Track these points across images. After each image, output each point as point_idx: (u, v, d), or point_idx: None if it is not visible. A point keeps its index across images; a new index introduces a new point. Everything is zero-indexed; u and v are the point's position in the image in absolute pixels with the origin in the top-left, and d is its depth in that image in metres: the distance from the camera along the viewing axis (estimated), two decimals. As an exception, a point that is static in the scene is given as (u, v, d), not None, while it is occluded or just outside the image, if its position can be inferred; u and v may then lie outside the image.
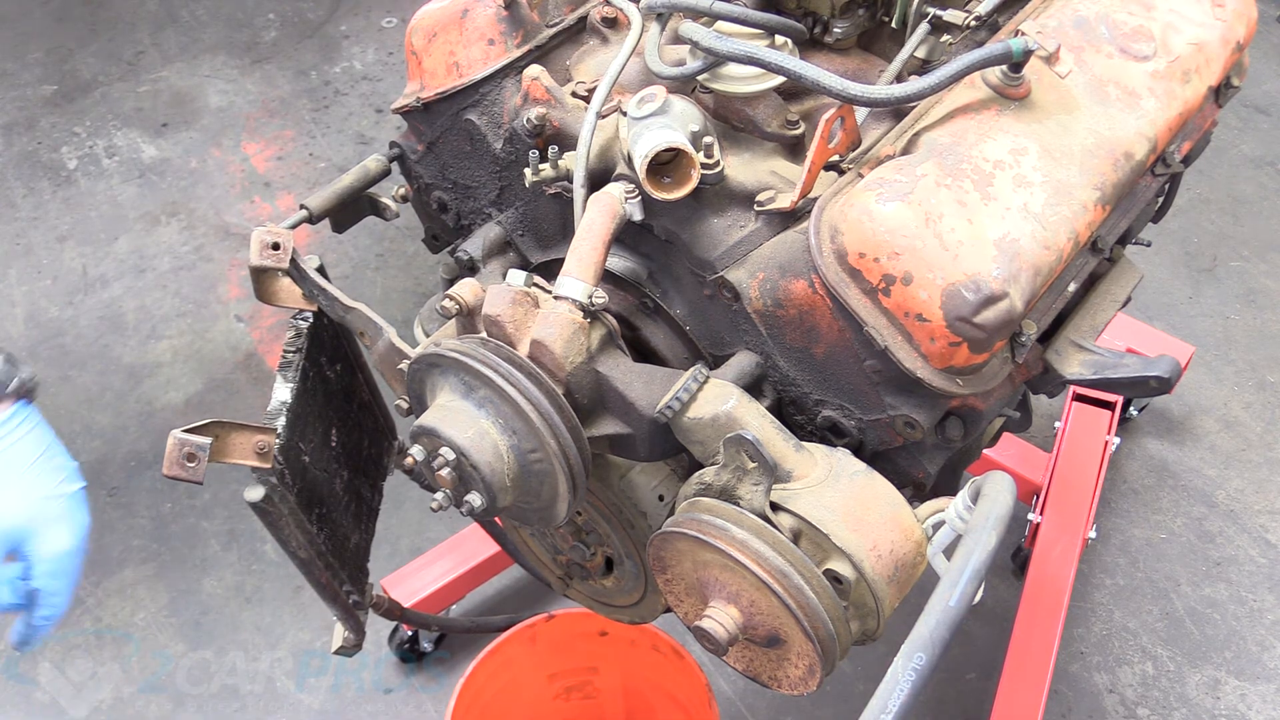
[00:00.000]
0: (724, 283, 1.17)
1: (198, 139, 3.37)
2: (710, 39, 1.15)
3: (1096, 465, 2.25)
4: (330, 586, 1.44)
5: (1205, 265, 2.94)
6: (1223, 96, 1.36)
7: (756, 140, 1.25)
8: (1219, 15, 1.32)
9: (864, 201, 1.08)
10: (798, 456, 1.09)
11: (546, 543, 1.45)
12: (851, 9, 1.37)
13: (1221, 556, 2.37)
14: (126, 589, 2.34)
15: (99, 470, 2.52)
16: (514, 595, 2.34)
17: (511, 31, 1.36)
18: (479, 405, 1.11)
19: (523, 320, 1.13)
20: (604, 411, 1.18)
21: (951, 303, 1.05)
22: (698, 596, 1.12)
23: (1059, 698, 2.15)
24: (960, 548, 0.99)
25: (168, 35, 3.76)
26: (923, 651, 0.92)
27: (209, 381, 2.71)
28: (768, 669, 1.12)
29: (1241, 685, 2.18)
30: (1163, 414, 2.61)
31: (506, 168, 1.35)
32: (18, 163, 3.33)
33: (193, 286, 2.96)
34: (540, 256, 1.37)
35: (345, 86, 3.54)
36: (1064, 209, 1.12)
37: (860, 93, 1.09)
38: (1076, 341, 1.23)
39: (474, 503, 1.11)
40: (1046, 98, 1.18)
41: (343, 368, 1.52)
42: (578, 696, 2.00)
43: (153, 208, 3.14)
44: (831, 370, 1.16)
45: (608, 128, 1.22)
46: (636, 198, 1.17)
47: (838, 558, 1.04)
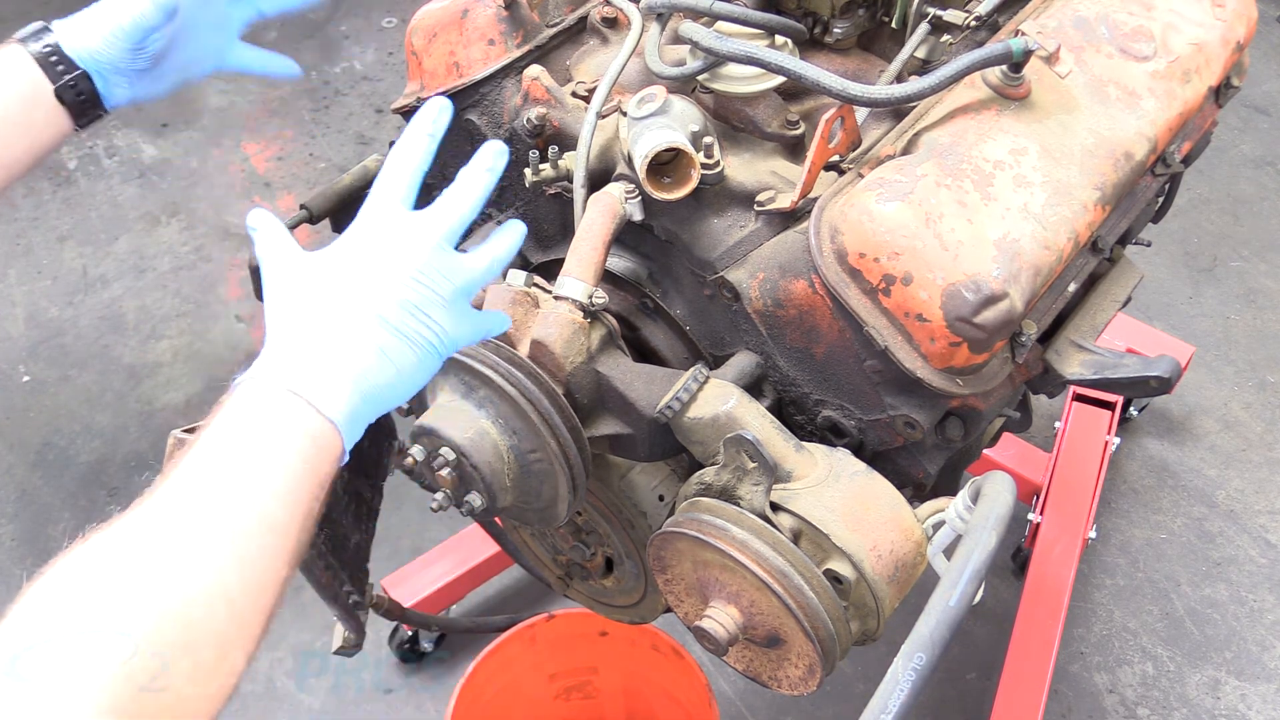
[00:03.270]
0: (724, 283, 1.17)
1: (198, 139, 3.37)
2: (710, 39, 1.15)
3: (1096, 465, 2.25)
4: (330, 586, 1.44)
5: (1205, 265, 2.94)
6: (1223, 97, 1.36)
7: (756, 140, 1.25)
8: (1219, 15, 1.32)
9: (864, 201, 1.08)
10: (798, 456, 1.09)
11: (546, 543, 1.45)
12: (851, 9, 1.37)
13: (1222, 556, 2.37)
14: (126, 589, 2.34)
15: (99, 470, 2.52)
16: (514, 595, 2.34)
17: (511, 31, 1.36)
18: (479, 405, 1.12)
19: (523, 320, 1.13)
20: (604, 411, 1.18)
21: (951, 303, 1.05)
22: (698, 596, 1.12)
23: (1059, 698, 2.15)
24: (960, 548, 0.99)
25: (168, 35, 3.76)
26: (923, 651, 0.92)
27: (209, 381, 2.71)
28: (768, 669, 1.12)
29: (1241, 685, 2.18)
30: (1163, 414, 2.61)
31: (506, 168, 1.35)
32: (18, 163, 3.32)
33: (193, 286, 2.95)
34: (540, 256, 1.37)
35: (345, 86, 3.54)
36: (1064, 209, 1.12)
37: (860, 93, 1.09)
38: (1076, 341, 1.23)
39: (474, 503, 1.11)
40: (1046, 98, 1.18)
41: (343, 367, 1.52)
42: (578, 696, 2.00)
43: (153, 208, 3.14)
44: (831, 370, 1.16)
45: (608, 128, 1.22)
46: (636, 198, 1.17)
47: (838, 558, 1.04)
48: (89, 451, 2.56)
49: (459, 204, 0.95)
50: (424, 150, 0.97)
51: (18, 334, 2.84)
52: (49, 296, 2.94)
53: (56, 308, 2.91)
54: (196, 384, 2.71)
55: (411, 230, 0.93)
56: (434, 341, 0.92)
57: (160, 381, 2.73)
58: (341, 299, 0.90)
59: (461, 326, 0.95)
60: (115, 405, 2.68)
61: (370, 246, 0.93)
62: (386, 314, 0.90)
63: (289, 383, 0.86)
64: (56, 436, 2.59)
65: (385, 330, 0.90)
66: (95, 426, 2.62)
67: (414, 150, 0.97)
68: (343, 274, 0.92)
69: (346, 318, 0.89)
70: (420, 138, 0.98)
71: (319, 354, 0.88)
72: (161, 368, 2.76)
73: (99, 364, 2.78)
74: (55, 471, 2.53)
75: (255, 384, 0.87)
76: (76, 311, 2.90)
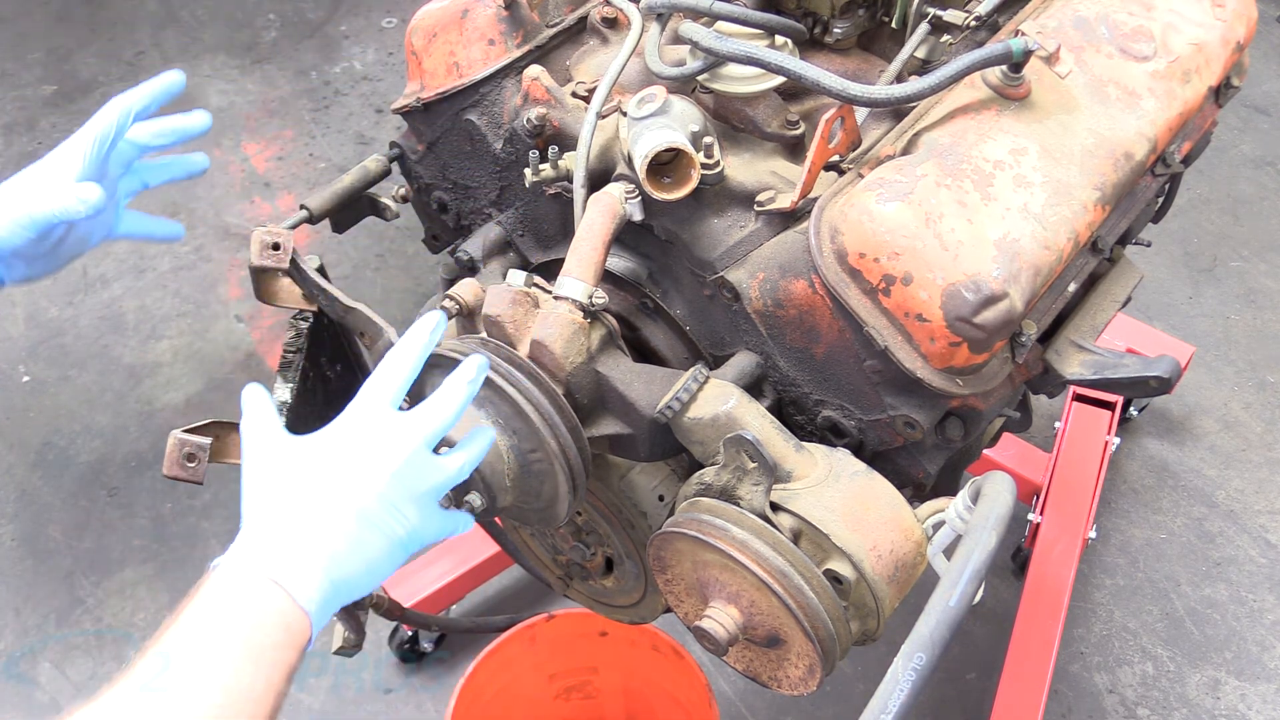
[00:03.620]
0: (724, 283, 1.17)
1: (198, 139, 3.37)
2: (710, 39, 1.15)
3: (1096, 465, 2.25)
4: (330, 587, 1.44)
5: (1205, 265, 2.94)
6: (1223, 97, 1.36)
7: (756, 140, 1.25)
8: (1219, 15, 1.32)
9: (864, 201, 1.08)
10: (798, 456, 1.09)
11: (546, 543, 1.45)
12: (851, 9, 1.37)
13: (1221, 556, 2.37)
14: (126, 589, 2.34)
15: (99, 470, 2.52)
16: (514, 595, 2.34)
17: (511, 31, 1.36)
18: (479, 405, 1.12)
19: (523, 320, 1.13)
20: (604, 411, 1.18)
21: (951, 303, 1.05)
22: (698, 597, 1.12)
23: (1059, 698, 2.15)
24: (960, 548, 0.99)
25: (168, 35, 3.76)
26: (923, 651, 0.92)
27: (209, 381, 2.71)
28: (768, 669, 1.12)
29: (1241, 685, 2.18)
30: (1163, 414, 2.61)
31: (506, 168, 1.35)
32: (18, 163, 3.31)
33: (193, 286, 2.95)
34: (540, 257, 1.37)
35: (345, 86, 3.54)
36: (1064, 209, 1.12)
37: (860, 93, 1.09)
38: (1076, 341, 1.23)
39: (474, 503, 1.11)
40: (1046, 98, 1.18)
41: (343, 368, 1.52)
42: (578, 696, 2.00)
43: (153, 208, 3.13)
44: (831, 370, 1.16)
45: (608, 128, 1.22)
46: (636, 198, 1.17)
47: (838, 558, 1.04)
48: (89, 451, 2.56)
49: (441, 411, 1.01)
50: (418, 358, 1.04)
51: (18, 334, 2.84)
52: (49, 296, 2.94)
53: (56, 308, 2.91)
54: (196, 384, 2.71)
55: (396, 431, 0.99)
56: (403, 537, 0.98)
57: (160, 381, 2.73)
58: (324, 490, 0.95)
59: (430, 524, 1.01)
60: (115, 405, 2.68)
61: (356, 442, 0.99)
62: (365, 508, 0.95)
63: (270, 570, 0.91)
64: (56, 436, 2.59)
65: (361, 524, 0.95)
66: (95, 426, 2.62)
67: (409, 356, 1.04)
68: (327, 465, 0.97)
69: (327, 509, 0.94)
70: (416, 347, 1.04)
71: (298, 543, 0.93)
72: (161, 368, 2.76)
73: (99, 364, 2.78)
74: (55, 471, 2.53)
75: (237, 569, 0.92)
76: (76, 311, 2.90)
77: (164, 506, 2.48)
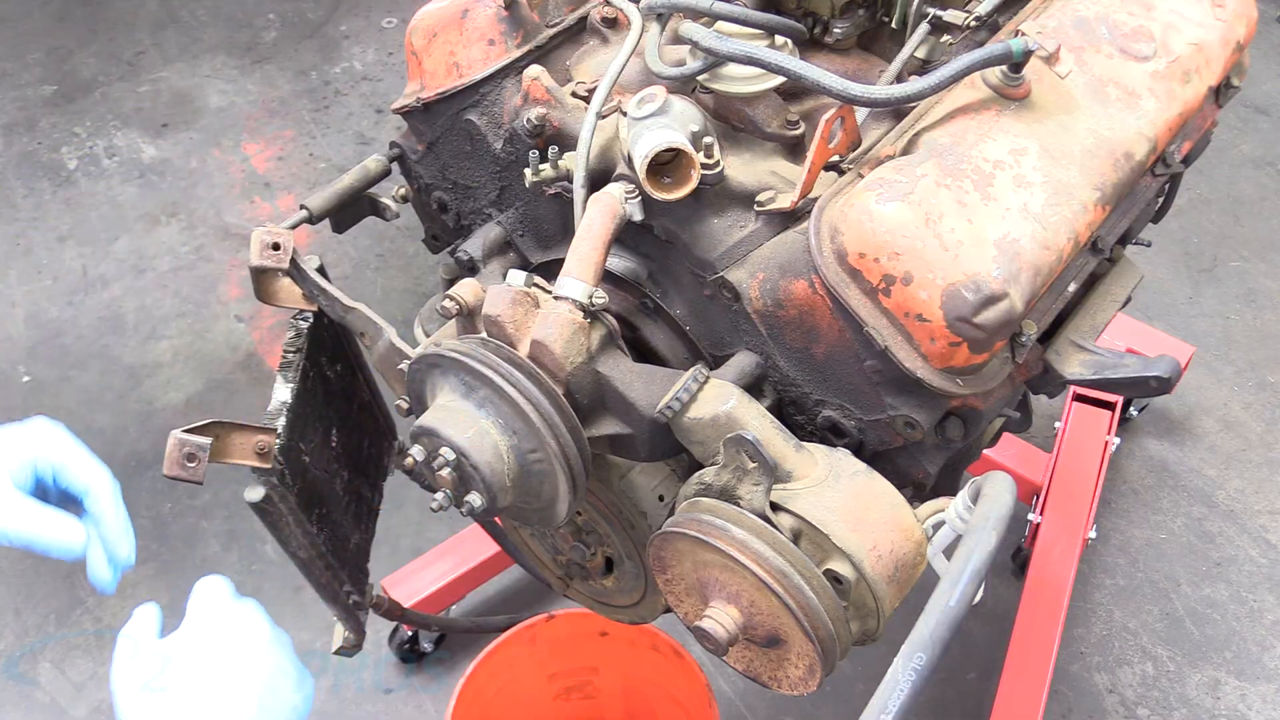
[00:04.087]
0: (724, 283, 1.17)
1: (198, 139, 3.37)
2: (710, 39, 1.15)
3: (1096, 465, 2.25)
4: (330, 586, 1.44)
5: (1205, 265, 2.94)
6: (1223, 97, 1.36)
7: (756, 140, 1.25)
8: (1219, 15, 1.32)
9: (864, 202, 1.08)
10: (798, 456, 1.09)
11: (546, 543, 1.45)
12: (851, 9, 1.37)
13: (1221, 556, 2.37)
14: (126, 589, 2.33)
15: (99, 470, 2.52)
16: (514, 595, 2.34)
17: (511, 31, 1.36)
18: (479, 405, 1.11)
19: (523, 320, 1.13)
20: (604, 411, 1.18)
21: (951, 303, 1.05)
22: (698, 596, 1.12)
23: (1059, 698, 2.15)
24: (960, 548, 0.99)
25: (168, 35, 3.76)
26: (923, 651, 0.92)
27: (209, 381, 2.71)
28: (768, 669, 1.12)
29: (1241, 685, 2.18)
30: (1163, 414, 2.61)
31: (506, 168, 1.35)
32: (18, 163, 3.33)
33: (193, 286, 2.96)
34: (540, 256, 1.37)
35: (345, 86, 3.54)
36: (1064, 209, 1.12)
37: (860, 93, 1.09)
38: (1076, 341, 1.23)
39: (474, 503, 1.11)
40: (1046, 98, 1.18)
41: (343, 368, 1.52)
42: (578, 696, 2.00)
43: (153, 208, 3.14)
44: (831, 370, 1.16)
45: (608, 128, 1.22)
46: (636, 198, 1.17)
47: (838, 558, 1.04)
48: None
49: None
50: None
51: (18, 334, 2.84)
52: (49, 296, 2.94)
53: (56, 308, 2.91)
54: (196, 384, 2.71)
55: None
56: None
57: (160, 381, 2.73)
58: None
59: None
60: (115, 405, 2.68)
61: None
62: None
63: None
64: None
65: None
66: (95, 426, 2.62)
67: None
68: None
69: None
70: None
71: None
72: (161, 368, 2.76)
73: (99, 364, 2.78)
74: (55, 471, 2.52)
75: None
76: (76, 311, 2.90)
77: (164, 506, 2.48)
